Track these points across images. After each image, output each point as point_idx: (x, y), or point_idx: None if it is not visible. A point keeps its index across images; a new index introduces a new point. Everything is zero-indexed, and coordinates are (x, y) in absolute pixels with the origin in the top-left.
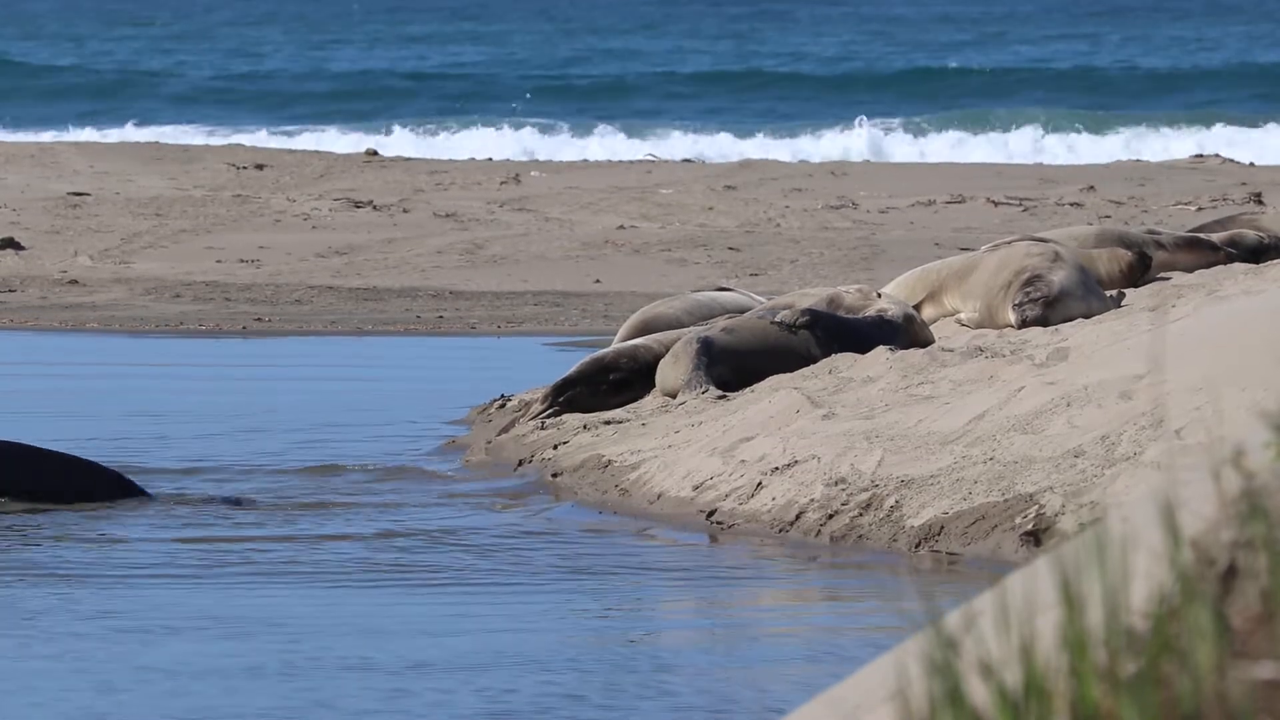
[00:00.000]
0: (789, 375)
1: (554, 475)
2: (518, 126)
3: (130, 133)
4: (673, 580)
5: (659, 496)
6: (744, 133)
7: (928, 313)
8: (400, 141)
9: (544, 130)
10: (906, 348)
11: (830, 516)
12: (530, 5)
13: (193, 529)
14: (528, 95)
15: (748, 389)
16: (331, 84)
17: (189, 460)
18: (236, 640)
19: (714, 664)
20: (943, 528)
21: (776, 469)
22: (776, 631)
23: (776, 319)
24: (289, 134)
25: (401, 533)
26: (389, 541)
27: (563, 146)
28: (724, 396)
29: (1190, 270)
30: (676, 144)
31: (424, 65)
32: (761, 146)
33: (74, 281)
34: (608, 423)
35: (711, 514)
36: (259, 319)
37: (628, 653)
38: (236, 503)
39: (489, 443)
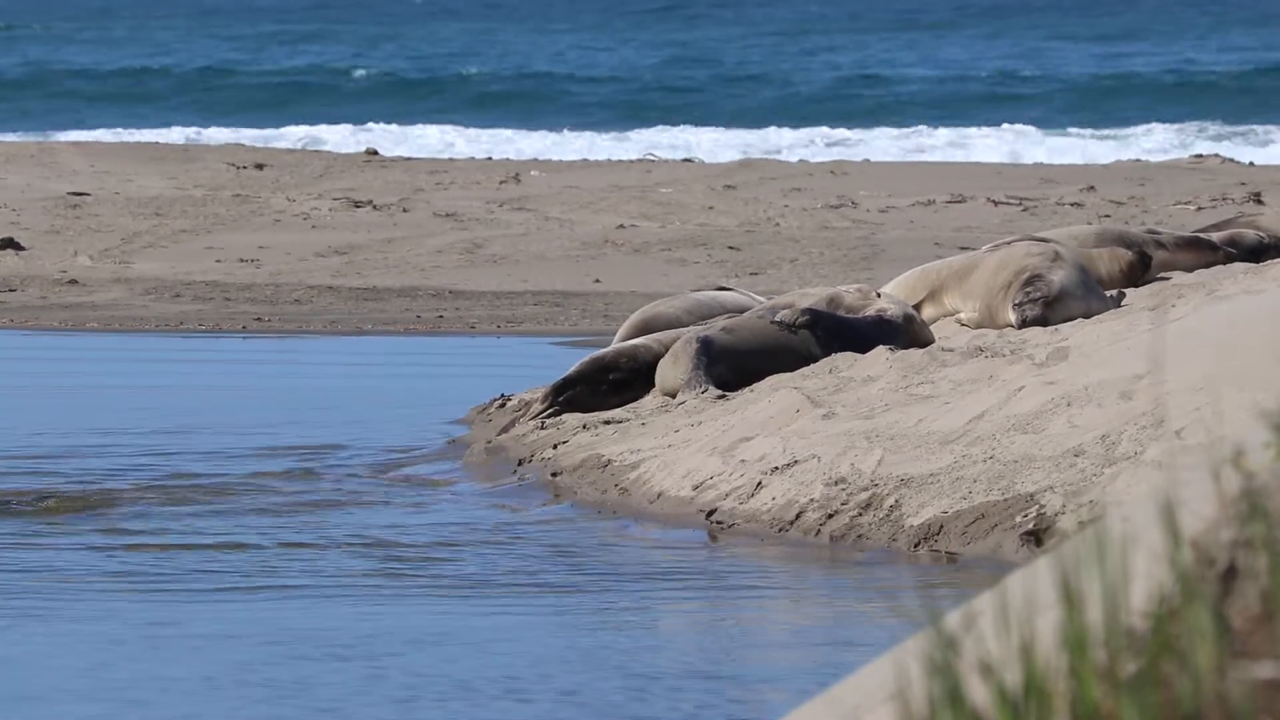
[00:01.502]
0: (789, 375)
1: (554, 475)
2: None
3: (130, 132)
4: (673, 580)
5: (659, 496)
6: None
7: (928, 313)
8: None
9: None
10: (906, 347)
11: (830, 516)
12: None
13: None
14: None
15: (747, 389)
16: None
17: (178, 459)
18: (231, 648)
19: (715, 664)
20: (942, 527)
21: (776, 468)
22: (776, 631)
23: (776, 319)
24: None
25: (401, 534)
26: (387, 542)
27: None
28: (724, 396)
29: (1190, 270)
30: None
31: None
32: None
33: (74, 281)
34: (607, 422)
35: (711, 513)
36: (259, 319)
37: (628, 654)
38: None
39: (489, 442)
